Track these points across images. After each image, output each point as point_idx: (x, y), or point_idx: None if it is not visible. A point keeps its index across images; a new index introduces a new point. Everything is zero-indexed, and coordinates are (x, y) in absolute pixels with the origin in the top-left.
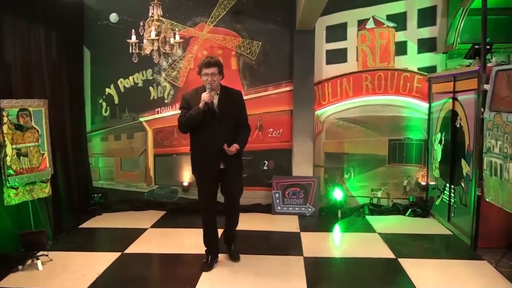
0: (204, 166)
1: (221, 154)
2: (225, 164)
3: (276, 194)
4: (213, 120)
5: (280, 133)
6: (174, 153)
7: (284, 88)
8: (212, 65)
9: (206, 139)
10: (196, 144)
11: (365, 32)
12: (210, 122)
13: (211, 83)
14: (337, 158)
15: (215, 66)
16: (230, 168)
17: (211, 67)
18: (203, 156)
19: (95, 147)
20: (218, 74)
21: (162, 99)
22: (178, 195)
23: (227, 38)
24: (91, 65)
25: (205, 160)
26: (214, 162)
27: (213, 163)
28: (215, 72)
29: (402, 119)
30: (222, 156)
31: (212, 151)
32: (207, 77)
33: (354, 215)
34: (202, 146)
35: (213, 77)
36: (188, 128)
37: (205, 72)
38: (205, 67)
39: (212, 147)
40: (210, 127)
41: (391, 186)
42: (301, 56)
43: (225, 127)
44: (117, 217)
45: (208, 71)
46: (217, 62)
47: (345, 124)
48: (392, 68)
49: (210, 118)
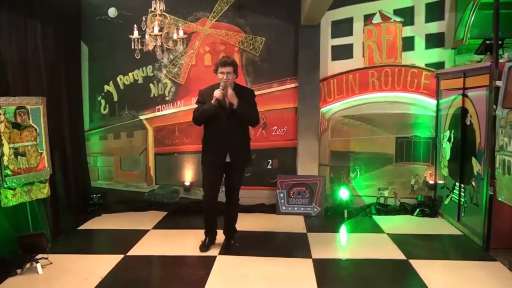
0: (211, 155)
1: (228, 147)
2: (231, 157)
3: (280, 193)
4: (223, 114)
5: (284, 131)
6: (176, 152)
7: (288, 85)
8: (228, 64)
9: (216, 131)
10: (207, 135)
11: (371, 27)
12: (220, 116)
13: (225, 81)
14: (343, 157)
15: (231, 65)
16: (236, 161)
17: (227, 66)
18: (211, 147)
19: (94, 146)
20: (232, 73)
21: (163, 96)
22: (180, 195)
23: (229, 33)
24: (89, 61)
25: (212, 151)
26: (221, 153)
27: (219, 154)
28: (230, 71)
29: (410, 116)
30: (228, 149)
31: (220, 143)
32: (223, 75)
33: (360, 215)
34: (212, 137)
35: (228, 75)
36: (200, 122)
37: (221, 70)
38: (222, 66)
39: (221, 139)
40: (220, 121)
41: (398, 185)
42: (306, 52)
43: (234, 122)
44: (117, 218)
45: (224, 70)
46: (232, 62)
47: (351, 121)
48: (399, 64)
49: (221, 112)
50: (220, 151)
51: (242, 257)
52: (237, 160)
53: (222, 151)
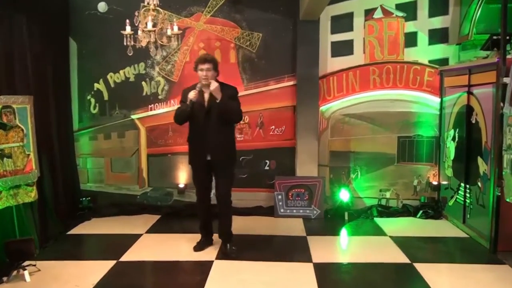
0: (193, 155)
1: (208, 146)
2: (211, 155)
3: (278, 195)
4: (202, 113)
5: (282, 131)
6: (169, 153)
7: (286, 83)
8: (207, 61)
9: (196, 130)
10: (189, 134)
11: (372, 22)
12: (200, 115)
13: (205, 78)
14: (343, 157)
15: (210, 62)
16: (216, 159)
17: (206, 63)
18: (194, 147)
19: (83, 147)
20: (212, 70)
21: (156, 94)
22: (174, 197)
23: (225, 29)
24: (78, 58)
25: (194, 150)
26: (201, 152)
27: (200, 153)
28: (209, 67)
29: (412, 115)
30: (208, 148)
31: (200, 141)
32: (202, 72)
33: (361, 217)
34: (193, 136)
35: (207, 72)
36: (179, 121)
37: (200, 67)
38: (201, 63)
39: (200, 138)
40: (199, 120)
41: (400, 186)
42: (305, 48)
43: (213, 119)
44: (108, 222)
45: (203, 67)
46: (212, 59)
47: (352, 120)
48: (402, 60)
49: (200, 112)
50: (200, 149)
51: (240, 262)
52: (217, 158)
53: (202, 149)
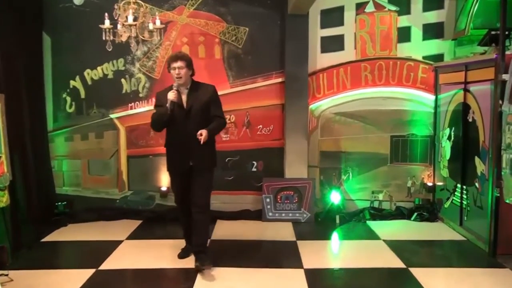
0: (174, 161)
1: (190, 151)
2: (194, 161)
3: (266, 198)
4: (182, 114)
5: (270, 130)
6: (151, 154)
7: (274, 80)
8: (179, 58)
9: (175, 135)
10: (168, 138)
11: (364, 16)
12: (179, 117)
13: (178, 77)
14: (334, 158)
15: (182, 60)
16: (199, 164)
17: (178, 60)
18: (173, 153)
19: (58, 148)
20: (185, 68)
21: (136, 92)
22: (156, 201)
23: (209, 23)
24: (53, 54)
25: (174, 155)
26: (183, 159)
27: (181, 159)
28: (182, 65)
29: (406, 113)
30: (191, 153)
31: (181, 147)
32: (174, 71)
33: (353, 221)
34: (172, 143)
35: (180, 70)
36: (158, 127)
37: (172, 66)
38: (173, 61)
39: (181, 144)
40: (179, 122)
41: (393, 187)
42: (294, 44)
43: (193, 123)
44: (86, 228)
45: (176, 65)
46: (184, 56)
47: (343, 119)
48: (394, 56)
49: (179, 114)
50: (181, 155)
51: (227, 269)
52: (200, 163)
53: (184, 155)
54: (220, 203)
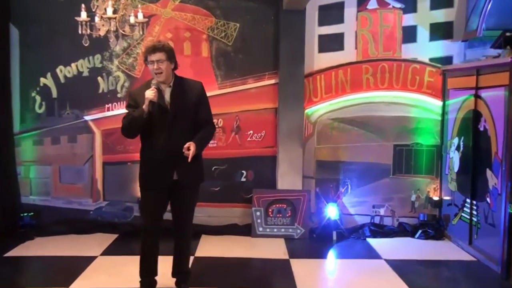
0: (153, 173)
1: (175, 162)
2: (180, 174)
3: (257, 212)
4: (165, 119)
5: (261, 137)
6: (129, 161)
7: (267, 81)
8: (157, 49)
9: (157, 142)
10: (146, 148)
11: (366, 14)
12: (161, 121)
13: (157, 73)
14: (331, 168)
15: (162, 51)
16: (185, 179)
17: (156, 52)
18: (152, 164)
19: (26, 152)
20: (166, 61)
21: (114, 92)
22: (134, 213)
23: (196, 17)
24: (21, 48)
25: (155, 169)
26: (166, 172)
27: (164, 173)
28: (162, 58)
29: (410, 120)
30: (176, 164)
31: (164, 158)
32: (153, 65)
33: (352, 238)
34: (152, 152)
35: (159, 64)
36: (132, 133)
37: (150, 59)
38: (150, 53)
39: (164, 153)
40: (161, 128)
41: (396, 202)
42: (289, 42)
43: (179, 128)
44: (55, 242)
45: (154, 58)
46: (164, 47)
47: (341, 125)
48: (399, 58)
49: (161, 117)
50: (164, 167)
51: None
52: (187, 177)
53: (167, 166)
54: (205, 216)
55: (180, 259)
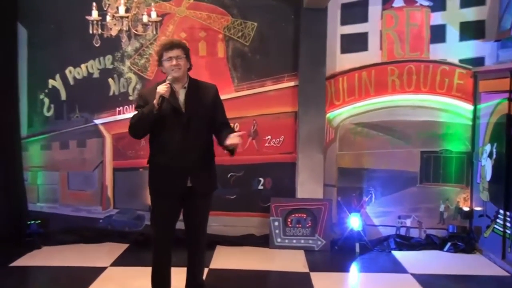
0: (165, 180)
1: (189, 167)
2: (194, 180)
3: (275, 221)
4: (179, 121)
5: (280, 142)
6: (141, 167)
7: (286, 84)
8: (175, 46)
9: (170, 146)
10: (157, 152)
11: (392, 12)
12: (175, 124)
13: (177, 67)
14: (354, 175)
15: (179, 47)
16: (200, 186)
17: (174, 48)
18: (165, 170)
19: (33, 157)
20: (184, 58)
21: (126, 95)
22: (145, 222)
23: (212, 16)
24: (29, 48)
25: (167, 175)
26: (180, 177)
27: (178, 179)
28: (180, 54)
29: (439, 125)
30: (190, 170)
31: (178, 162)
32: (171, 61)
33: (376, 250)
34: (165, 156)
35: (178, 60)
36: (139, 132)
37: (167, 56)
38: (167, 50)
39: (177, 158)
40: (174, 131)
41: (424, 212)
42: (309, 42)
43: (194, 131)
44: (63, 251)
45: (171, 54)
46: (180, 43)
47: (365, 131)
48: (427, 59)
49: (175, 119)
50: (178, 173)
51: None
52: (201, 183)
53: (181, 173)
54: (221, 225)
55: (194, 271)
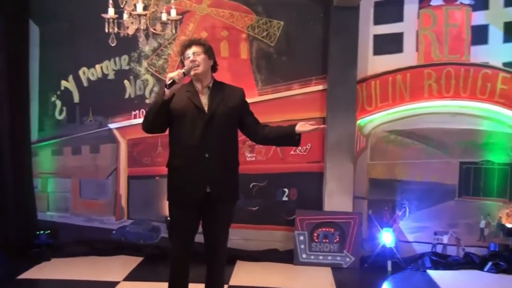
0: (182, 187)
1: (208, 173)
2: (213, 187)
3: (300, 236)
4: (200, 121)
5: (307, 150)
6: (157, 175)
7: (314, 87)
8: (194, 43)
9: (189, 146)
10: (176, 154)
11: (429, 11)
12: (195, 124)
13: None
14: (387, 187)
15: (198, 44)
16: (220, 193)
17: (192, 45)
18: (182, 172)
19: (44, 163)
20: (204, 54)
21: (142, 97)
22: (161, 234)
23: (235, 14)
24: (41, 47)
25: (184, 178)
26: (198, 182)
27: (195, 183)
28: (198, 51)
29: (480, 134)
30: (209, 176)
31: (195, 166)
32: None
33: (410, 269)
34: (183, 157)
35: (195, 56)
36: (149, 123)
37: (186, 54)
38: (186, 48)
39: (197, 160)
40: (195, 131)
41: (462, 228)
42: (340, 43)
43: (216, 132)
44: (73, 264)
45: (189, 51)
46: (200, 40)
47: (399, 139)
48: (467, 62)
49: (196, 118)
50: (196, 178)
51: None
52: (222, 191)
53: (200, 178)
54: (241, 239)
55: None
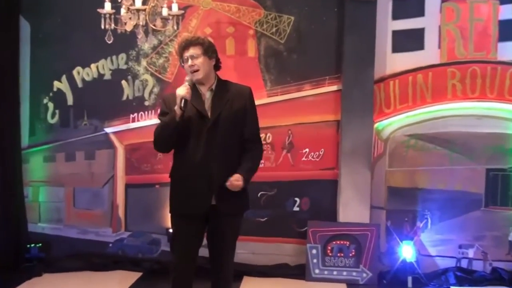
0: (186, 198)
1: (213, 183)
2: (219, 198)
3: (313, 249)
4: (204, 128)
5: (319, 156)
6: (157, 183)
7: (327, 88)
8: (191, 43)
9: (193, 156)
10: (179, 164)
11: (453, 4)
12: (199, 131)
13: (193, 71)
14: (407, 196)
15: (196, 44)
16: (226, 205)
17: (190, 46)
18: (186, 183)
19: (35, 171)
20: (203, 56)
21: (141, 99)
22: (161, 247)
23: (242, 9)
24: (32, 45)
25: (188, 190)
26: (202, 193)
27: (200, 195)
28: (196, 53)
29: (508, 138)
30: (215, 186)
31: (200, 175)
32: (187, 63)
33: (432, 285)
34: (187, 168)
35: (193, 60)
36: (164, 143)
37: (184, 56)
38: (184, 49)
39: (201, 170)
40: (199, 139)
41: (489, 241)
42: (355, 40)
43: (220, 138)
44: (67, 279)
45: (187, 54)
46: (198, 40)
47: (420, 144)
48: (494, 60)
49: (200, 125)
50: (200, 187)
51: None
52: (228, 202)
53: (204, 188)
54: (249, 253)
55: None
